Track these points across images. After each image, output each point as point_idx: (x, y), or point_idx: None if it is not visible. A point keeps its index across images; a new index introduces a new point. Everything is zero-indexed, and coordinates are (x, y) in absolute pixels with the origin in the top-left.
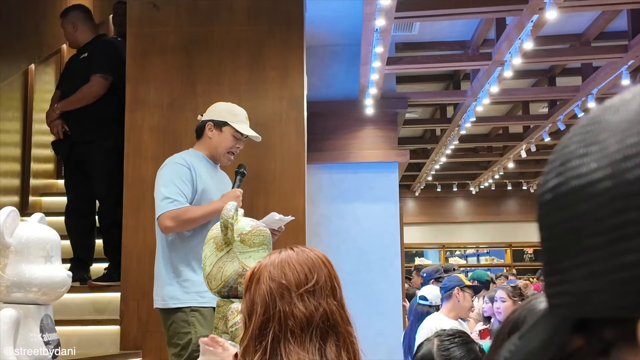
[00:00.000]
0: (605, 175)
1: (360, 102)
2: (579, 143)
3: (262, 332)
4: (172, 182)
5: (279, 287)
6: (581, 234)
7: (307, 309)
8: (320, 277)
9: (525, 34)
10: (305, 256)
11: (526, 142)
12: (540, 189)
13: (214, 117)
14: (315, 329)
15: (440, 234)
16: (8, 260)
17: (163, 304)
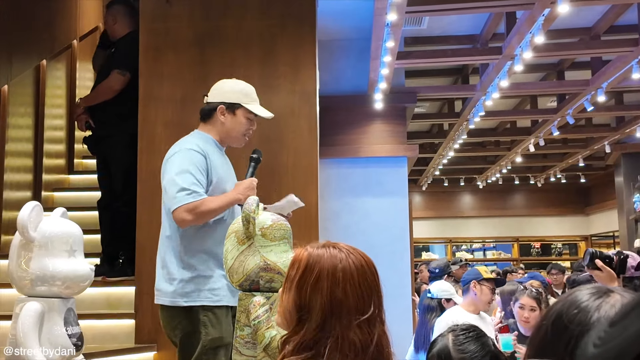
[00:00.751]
0: None
1: (370, 96)
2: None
3: (317, 345)
4: (187, 171)
5: (339, 308)
6: None
7: (363, 337)
8: (375, 301)
9: (536, 27)
10: (364, 273)
11: (534, 136)
12: None
13: (226, 99)
14: (369, 357)
15: (447, 229)
16: (32, 254)
17: (171, 301)
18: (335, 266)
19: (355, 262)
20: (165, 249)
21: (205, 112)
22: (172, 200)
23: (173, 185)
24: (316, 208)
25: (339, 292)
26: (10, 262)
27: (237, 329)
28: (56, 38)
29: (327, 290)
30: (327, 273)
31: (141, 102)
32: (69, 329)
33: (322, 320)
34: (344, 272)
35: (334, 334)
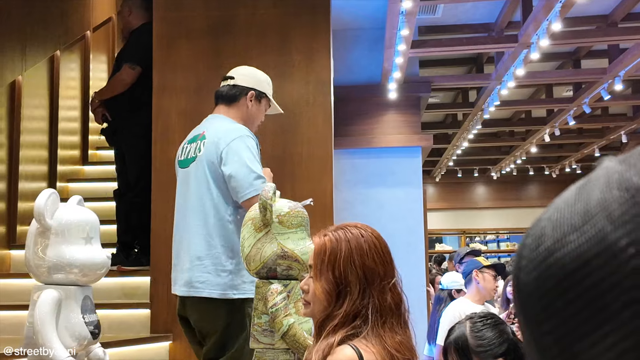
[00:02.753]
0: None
1: (383, 86)
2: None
3: (360, 313)
4: (254, 160)
5: (372, 276)
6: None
7: (395, 298)
8: (394, 269)
9: (553, 14)
10: (383, 242)
11: (550, 125)
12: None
13: (257, 86)
14: (401, 316)
15: (461, 220)
16: (49, 242)
17: (221, 293)
18: (359, 241)
19: (373, 234)
20: (217, 239)
21: (232, 95)
22: (250, 188)
23: (249, 172)
24: (331, 198)
25: (370, 262)
26: (27, 250)
27: (255, 316)
28: (70, 29)
29: (360, 262)
30: (355, 248)
31: (155, 91)
32: (86, 316)
33: (361, 290)
34: (369, 245)
35: (373, 300)
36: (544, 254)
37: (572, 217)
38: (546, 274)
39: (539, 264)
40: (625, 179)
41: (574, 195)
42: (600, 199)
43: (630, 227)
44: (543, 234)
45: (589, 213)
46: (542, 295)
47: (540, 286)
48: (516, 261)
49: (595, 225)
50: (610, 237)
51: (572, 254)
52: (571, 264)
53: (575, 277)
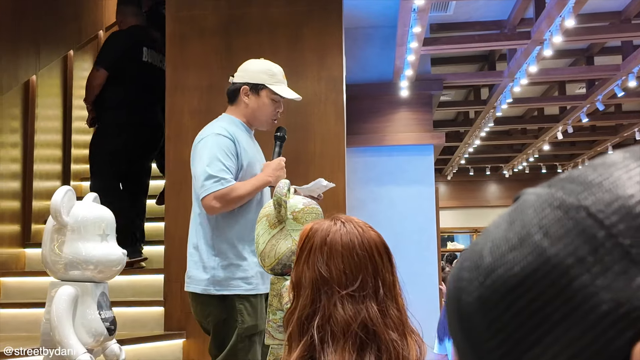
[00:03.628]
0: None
1: (395, 84)
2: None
3: (307, 325)
4: (215, 158)
5: (323, 281)
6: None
7: (346, 314)
8: (364, 278)
9: (566, 11)
10: (352, 248)
11: (563, 123)
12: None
13: (249, 79)
14: (354, 338)
15: (473, 218)
16: (65, 238)
17: (203, 289)
18: (324, 239)
19: (344, 235)
20: (196, 237)
21: (230, 93)
22: (201, 189)
23: (202, 173)
24: (344, 196)
25: (324, 267)
26: (43, 246)
27: (270, 312)
28: (83, 29)
29: (313, 264)
30: (317, 247)
31: (168, 90)
32: (102, 313)
33: (312, 298)
34: (329, 246)
35: (322, 310)
36: (484, 273)
37: (508, 237)
38: (488, 292)
39: (480, 283)
40: (556, 199)
41: (507, 219)
42: (535, 218)
43: (567, 240)
44: (481, 256)
45: (525, 232)
46: (486, 312)
47: (483, 304)
48: (454, 285)
49: (533, 242)
50: (548, 252)
51: (512, 270)
52: (512, 279)
53: (517, 291)
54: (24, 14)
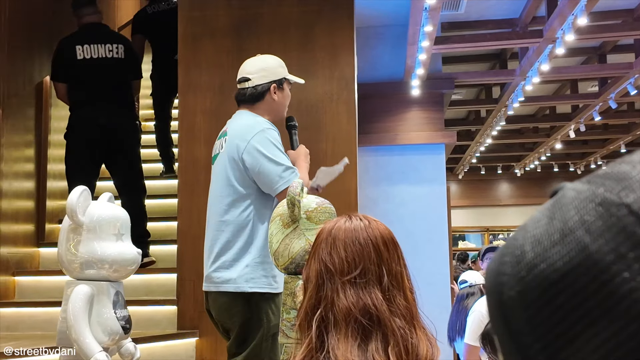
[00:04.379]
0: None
1: (406, 83)
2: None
3: (311, 315)
4: (278, 150)
5: (327, 270)
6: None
7: (347, 301)
8: (366, 265)
9: (579, 9)
10: (354, 237)
11: (575, 121)
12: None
13: (274, 77)
14: (356, 324)
15: (484, 217)
16: (81, 238)
17: (235, 287)
18: (329, 231)
19: (348, 226)
20: (229, 234)
21: (257, 96)
22: (281, 181)
23: (275, 165)
24: (355, 196)
25: (326, 256)
26: (59, 246)
27: (284, 311)
28: None
29: (318, 256)
30: (323, 239)
31: (180, 90)
32: (117, 311)
33: (317, 288)
34: (333, 236)
35: (326, 299)
36: (526, 268)
37: (550, 233)
38: (529, 287)
39: (521, 278)
40: (597, 195)
41: (547, 214)
42: (577, 214)
43: (608, 236)
44: (523, 251)
45: (567, 228)
46: (527, 307)
47: (524, 299)
48: (494, 279)
49: (575, 238)
50: (590, 248)
51: (554, 266)
52: (554, 275)
53: (558, 286)
54: (38, 15)
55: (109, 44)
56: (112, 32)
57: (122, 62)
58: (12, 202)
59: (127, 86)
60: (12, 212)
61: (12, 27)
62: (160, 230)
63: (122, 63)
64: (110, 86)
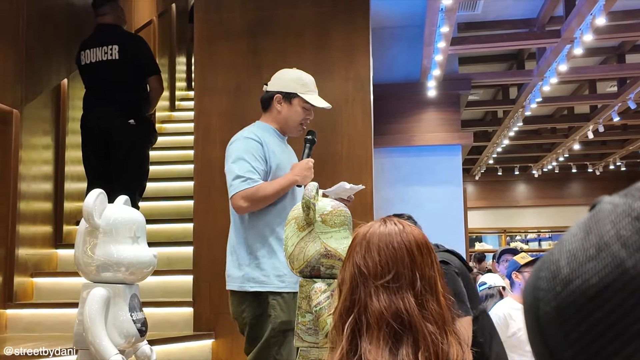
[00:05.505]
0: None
1: (422, 84)
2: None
3: (345, 318)
4: (243, 159)
5: (361, 274)
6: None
7: (380, 305)
8: (399, 270)
9: (597, 9)
10: (388, 242)
11: (593, 122)
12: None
13: (282, 88)
14: (388, 328)
15: (501, 219)
16: (97, 241)
17: (239, 286)
18: (364, 235)
19: (382, 230)
20: (233, 236)
21: (264, 101)
22: (229, 188)
23: (229, 173)
24: (371, 197)
25: (361, 260)
26: (76, 249)
27: (299, 315)
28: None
29: (353, 259)
30: (357, 242)
31: (196, 92)
32: (133, 314)
33: (351, 291)
34: (367, 239)
35: (359, 302)
36: (561, 283)
37: (586, 248)
38: (566, 303)
39: (557, 294)
40: (634, 209)
41: (583, 228)
42: (613, 229)
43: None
44: (558, 267)
45: (603, 243)
46: (564, 323)
47: (561, 315)
48: (531, 294)
49: (611, 253)
50: (627, 263)
51: (590, 281)
52: (590, 291)
53: (595, 302)
54: (55, 18)
55: (105, 46)
56: (112, 33)
57: (115, 63)
58: (30, 204)
59: (127, 86)
60: (30, 213)
61: (29, 30)
62: (176, 232)
63: (116, 64)
64: (106, 88)
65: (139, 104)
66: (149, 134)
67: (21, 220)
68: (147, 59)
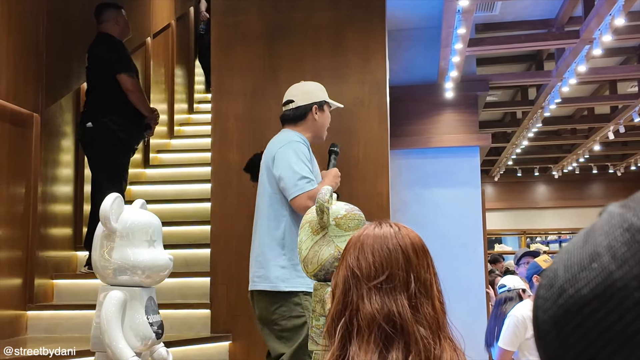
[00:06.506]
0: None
1: (440, 85)
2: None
3: (337, 322)
4: (302, 161)
5: (353, 276)
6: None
7: (372, 307)
8: (393, 271)
9: (616, 9)
10: (383, 243)
11: (614, 123)
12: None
13: (316, 99)
14: (379, 331)
15: (521, 220)
16: (114, 244)
17: (271, 286)
18: (358, 237)
19: (377, 231)
20: (268, 238)
21: (299, 116)
22: (294, 188)
23: (292, 174)
24: (387, 200)
25: (354, 262)
26: (93, 252)
27: (313, 318)
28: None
29: (346, 262)
30: (351, 245)
31: (213, 95)
32: (150, 317)
33: (344, 294)
34: (361, 241)
35: (350, 305)
36: (557, 292)
37: (581, 258)
38: (561, 311)
39: (553, 302)
40: (625, 220)
41: (583, 238)
42: (605, 240)
43: (632, 263)
44: (556, 275)
45: (596, 253)
46: (559, 331)
47: (556, 323)
48: (534, 301)
49: (601, 264)
50: (615, 275)
51: (582, 291)
52: (581, 300)
53: (585, 312)
54: (75, 23)
55: (88, 53)
56: (94, 41)
57: (89, 68)
58: (50, 206)
59: (91, 91)
60: (50, 216)
61: (49, 34)
62: (193, 234)
63: (90, 69)
64: (89, 92)
65: (98, 107)
66: (114, 133)
67: (41, 223)
68: (108, 61)
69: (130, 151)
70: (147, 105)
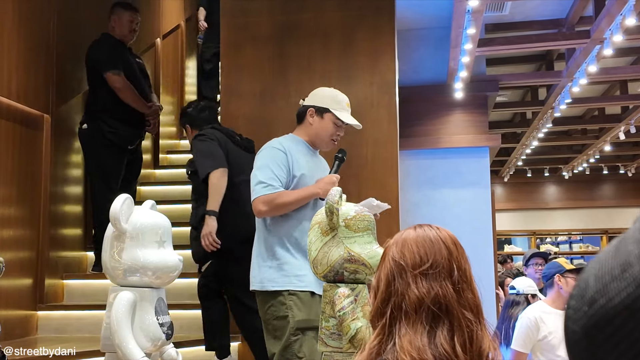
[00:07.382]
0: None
1: (449, 86)
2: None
3: (383, 309)
4: (267, 167)
5: (397, 267)
6: None
7: (419, 291)
8: (437, 259)
9: (627, 9)
10: (425, 236)
11: (625, 123)
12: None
13: (316, 102)
14: (426, 312)
15: (531, 221)
16: (124, 245)
17: (260, 286)
18: (398, 237)
19: (418, 230)
20: (257, 240)
21: (298, 115)
22: (252, 193)
23: (253, 178)
24: (396, 200)
25: (397, 254)
26: (103, 253)
27: (322, 320)
28: (141, 37)
29: (387, 260)
30: (392, 244)
31: (223, 96)
32: (159, 317)
33: (386, 286)
34: (404, 238)
35: (395, 294)
36: (588, 302)
37: (612, 268)
38: (591, 322)
39: (584, 313)
40: None
41: (614, 248)
42: (636, 249)
43: None
44: (587, 285)
45: (627, 263)
46: (590, 341)
47: (586, 333)
48: (565, 312)
49: (632, 273)
50: None
51: (613, 301)
52: (612, 310)
53: (617, 322)
54: (85, 23)
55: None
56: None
57: (86, 68)
58: (61, 207)
59: (96, 89)
60: (61, 216)
61: (59, 35)
62: None
63: (87, 69)
64: (88, 93)
65: (92, 108)
66: (103, 134)
67: (52, 223)
68: (95, 61)
69: (123, 152)
70: (140, 102)
